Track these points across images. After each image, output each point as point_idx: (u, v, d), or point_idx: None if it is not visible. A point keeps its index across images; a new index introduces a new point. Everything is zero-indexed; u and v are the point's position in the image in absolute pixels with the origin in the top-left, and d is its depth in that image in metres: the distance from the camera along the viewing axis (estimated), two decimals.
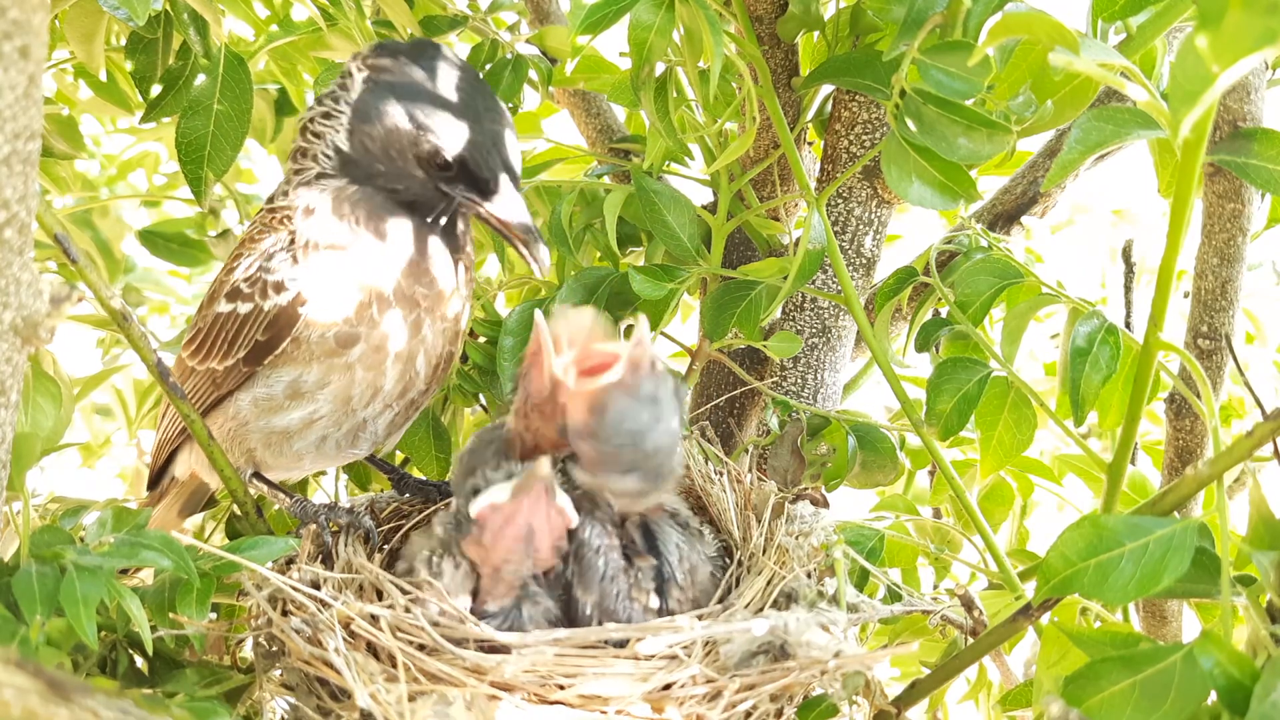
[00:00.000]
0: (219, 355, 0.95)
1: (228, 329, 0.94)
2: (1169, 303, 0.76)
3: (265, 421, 0.95)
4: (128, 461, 1.86)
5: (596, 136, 1.27)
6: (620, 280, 1.08)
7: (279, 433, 0.95)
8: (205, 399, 0.97)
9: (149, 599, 0.83)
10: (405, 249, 0.92)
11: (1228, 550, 0.72)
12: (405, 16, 1.12)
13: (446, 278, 0.94)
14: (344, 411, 0.95)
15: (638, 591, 0.87)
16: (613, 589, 0.87)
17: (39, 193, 0.70)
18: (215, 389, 0.96)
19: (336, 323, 0.91)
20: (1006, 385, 0.99)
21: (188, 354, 0.98)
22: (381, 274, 0.91)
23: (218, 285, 0.97)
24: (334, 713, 0.84)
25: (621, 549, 0.89)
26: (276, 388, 0.94)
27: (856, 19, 1.05)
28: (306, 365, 0.92)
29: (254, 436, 0.96)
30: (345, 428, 0.96)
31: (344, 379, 0.93)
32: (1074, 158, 0.77)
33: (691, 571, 0.90)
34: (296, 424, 0.95)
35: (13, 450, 0.77)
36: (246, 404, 0.95)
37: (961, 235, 1.06)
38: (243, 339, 0.93)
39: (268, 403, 0.94)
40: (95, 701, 0.63)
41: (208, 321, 0.96)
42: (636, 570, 0.88)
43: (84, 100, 1.36)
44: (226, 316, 0.94)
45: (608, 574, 0.87)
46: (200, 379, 0.97)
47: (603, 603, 0.86)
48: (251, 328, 0.92)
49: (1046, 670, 0.80)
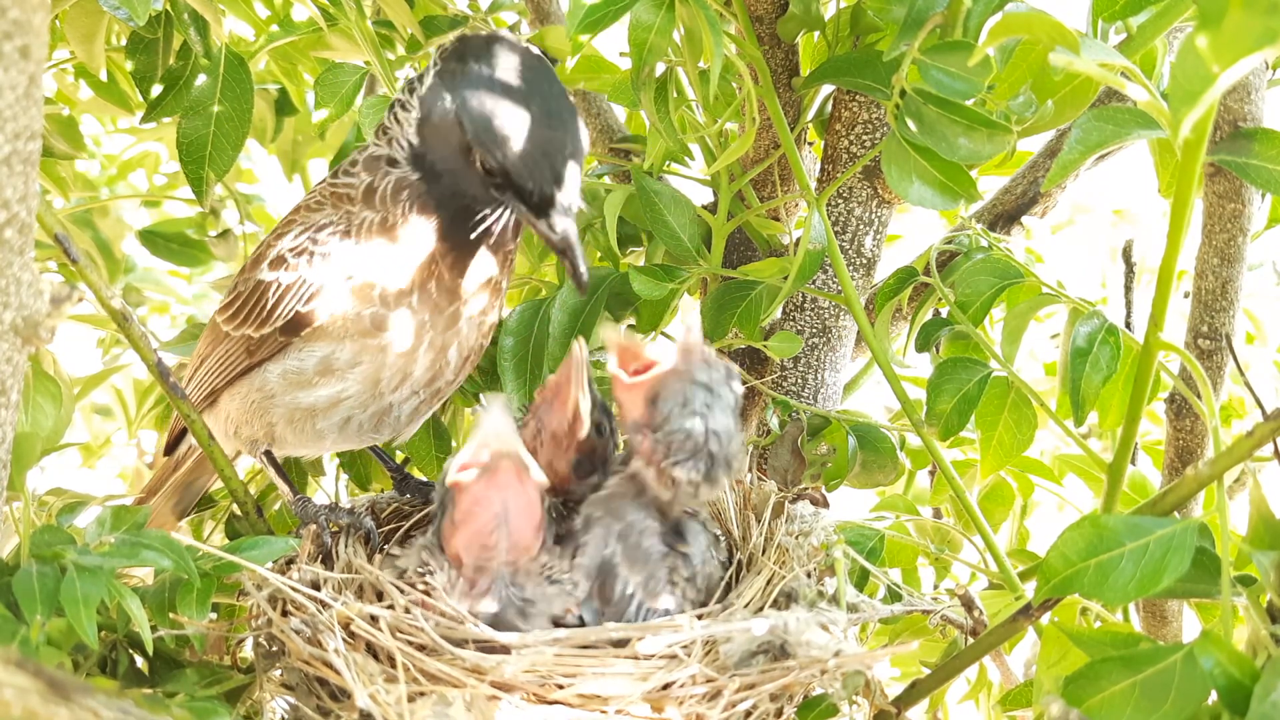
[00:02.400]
0: (255, 322, 0.95)
1: (269, 296, 0.94)
2: (1169, 303, 0.77)
3: (292, 396, 0.95)
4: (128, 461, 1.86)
5: (597, 136, 1.27)
6: (620, 280, 1.08)
7: (304, 409, 0.95)
8: (236, 366, 0.97)
9: (149, 599, 0.83)
10: (453, 243, 0.92)
11: (1228, 550, 0.72)
12: (405, 16, 1.12)
13: (488, 273, 0.95)
14: (372, 394, 0.95)
15: (676, 576, 0.88)
16: (658, 571, 0.88)
17: (39, 193, 0.70)
18: (248, 356, 0.96)
19: (374, 304, 0.92)
20: (1006, 385, 0.99)
21: (223, 318, 0.98)
22: (426, 264, 0.92)
23: (263, 249, 0.97)
24: (334, 713, 0.84)
25: (661, 536, 0.90)
26: (308, 362, 0.94)
27: (856, 19, 1.05)
28: (340, 342, 0.93)
29: (278, 410, 0.96)
30: (371, 410, 0.96)
31: (375, 361, 0.93)
32: (1074, 158, 0.77)
33: (708, 578, 0.91)
34: (323, 401, 0.95)
35: (13, 450, 0.77)
36: (275, 376, 0.95)
37: (962, 235, 1.06)
38: (283, 308, 0.93)
39: (297, 376, 0.94)
40: (95, 701, 0.63)
41: (249, 286, 0.96)
42: (676, 556, 0.89)
43: (84, 100, 1.36)
44: (269, 284, 0.94)
45: (652, 555, 0.88)
46: (234, 345, 0.97)
47: (647, 583, 0.87)
48: (293, 297, 0.93)
49: (1046, 670, 0.80)
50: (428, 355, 0.95)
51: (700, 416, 0.85)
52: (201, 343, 1.04)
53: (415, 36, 1.15)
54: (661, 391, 0.85)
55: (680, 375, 0.85)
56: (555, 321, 1.07)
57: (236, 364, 0.97)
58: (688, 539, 0.90)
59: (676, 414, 0.85)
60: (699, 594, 0.89)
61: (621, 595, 0.87)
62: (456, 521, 0.85)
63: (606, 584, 0.87)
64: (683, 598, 0.88)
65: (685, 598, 0.89)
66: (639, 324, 1.12)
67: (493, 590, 0.85)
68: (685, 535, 0.90)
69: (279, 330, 0.94)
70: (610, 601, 0.87)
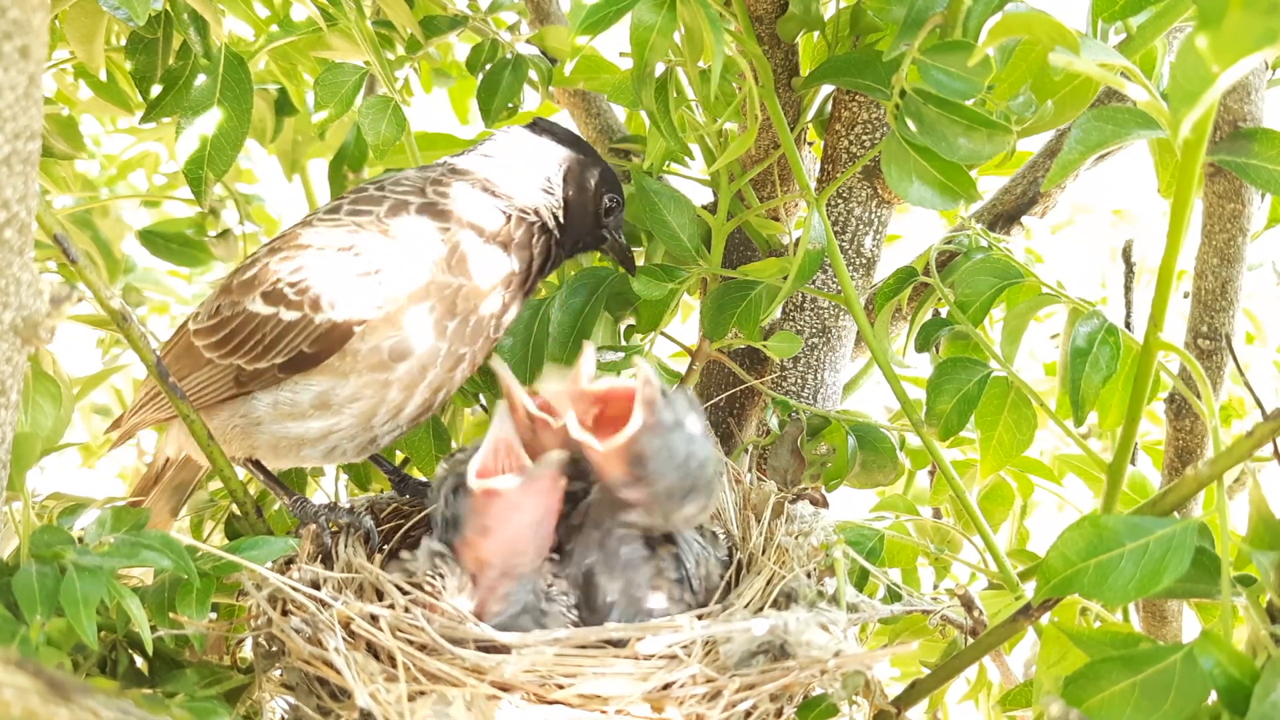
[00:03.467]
0: (249, 355, 0.91)
1: (265, 332, 0.90)
2: (1169, 303, 0.76)
3: (280, 426, 0.93)
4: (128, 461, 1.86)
5: (597, 136, 1.27)
6: (620, 280, 1.08)
7: (292, 438, 0.94)
8: (220, 393, 0.94)
9: (149, 599, 0.83)
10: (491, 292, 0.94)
11: (1228, 550, 0.72)
12: (405, 16, 1.12)
13: (509, 319, 0.96)
14: (363, 427, 0.94)
15: (660, 580, 0.88)
16: (637, 576, 0.88)
17: (39, 193, 0.70)
18: (236, 386, 0.93)
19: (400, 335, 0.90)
20: (1006, 385, 0.99)
21: (205, 343, 0.94)
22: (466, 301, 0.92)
23: (257, 273, 0.93)
24: (334, 712, 0.84)
25: (644, 538, 0.90)
26: (303, 395, 0.92)
27: (856, 19, 1.05)
28: (344, 378, 0.91)
29: (263, 437, 0.94)
30: (358, 441, 0.96)
31: (375, 397, 0.92)
32: (1074, 158, 0.77)
33: (706, 577, 0.91)
34: (314, 433, 0.93)
35: (13, 450, 0.77)
36: (265, 405, 0.93)
37: (961, 235, 1.06)
38: (284, 346, 0.90)
39: (290, 408, 0.92)
40: (95, 701, 0.63)
41: (239, 317, 0.92)
42: (659, 559, 0.89)
43: (84, 100, 1.36)
44: (266, 319, 0.90)
45: (632, 560, 0.88)
46: (220, 372, 0.93)
47: (628, 589, 0.87)
48: (297, 336, 0.90)
49: (1046, 670, 0.80)
50: (425, 393, 0.94)
51: (688, 458, 0.85)
52: (170, 359, 0.98)
53: (415, 36, 1.15)
54: (642, 451, 0.85)
55: (652, 429, 0.85)
56: (555, 321, 1.07)
57: (221, 391, 0.94)
58: (676, 539, 0.90)
59: (667, 467, 0.85)
60: (696, 593, 0.89)
61: (602, 603, 0.87)
62: (487, 527, 0.85)
63: (590, 593, 0.88)
64: (672, 598, 0.88)
65: (677, 598, 0.89)
66: (639, 324, 1.12)
67: (515, 597, 0.86)
68: (674, 536, 0.90)
69: (278, 368, 0.91)
70: (595, 609, 0.88)
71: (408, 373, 0.91)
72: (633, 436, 0.84)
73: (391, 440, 0.99)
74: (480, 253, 0.93)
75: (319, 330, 0.89)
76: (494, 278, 0.93)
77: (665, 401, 0.86)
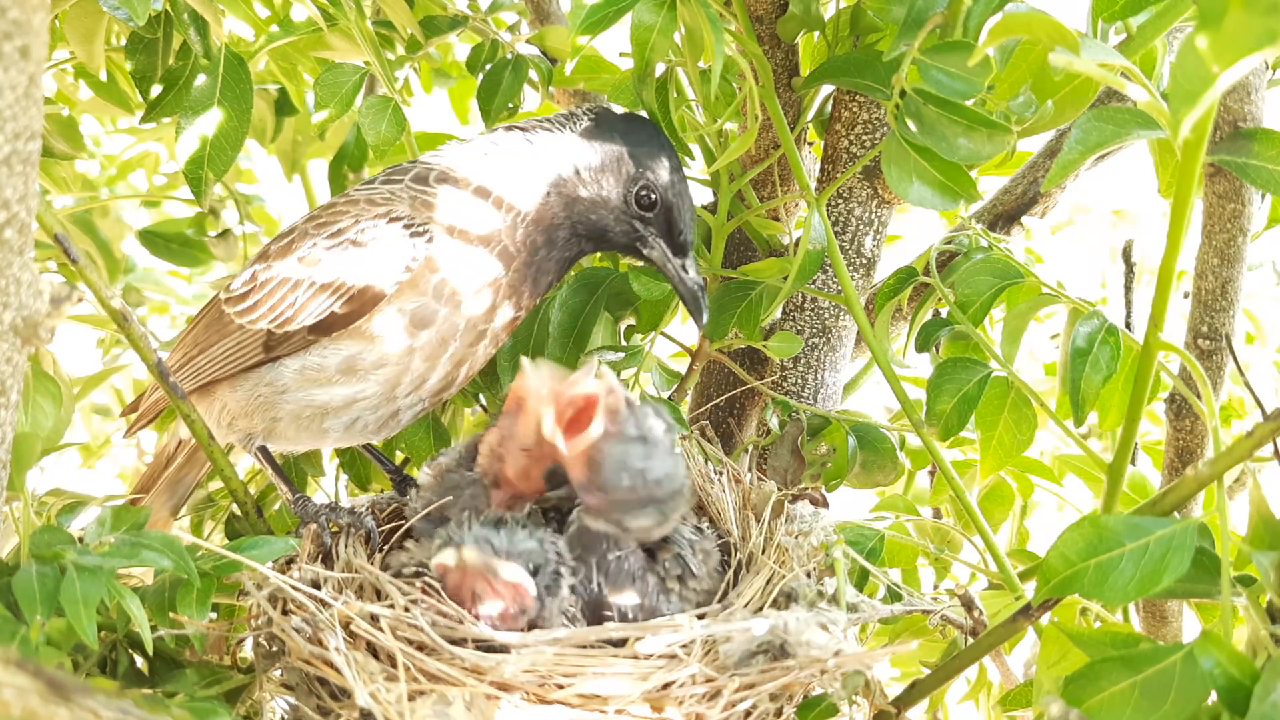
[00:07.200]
0: (281, 318, 0.93)
1: (298, 294, 0.92)
2: (1169, 303, 0.76)
3: (305, 393, 0.94)
4: (128, 461, 1.86)
5: None
6: (620, 280, 1.08)
7: (316, 407, 0.94)
8: (247, 360, 0.95)
9: (149, 599, 0.83)
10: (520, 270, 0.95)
11: (1228, 550, 0.72)
12: (405, 16, 1.12)
13: (526, 304, 0.96)
14: (387, 397, 0.94)
15: (671, 581, 0.90)
16: (646, 586, 0.89)
17: (39, 193, 0.70)
18: (265, 352, 0.94)
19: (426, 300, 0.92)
20: (1006, 385, 0.99)
21: (237, 309, 0.96)
22: (494, 281, 0.93)
23: (293, 239, 0.95)
24: (334, 712, 0.84)
25: (641, 548, 0.91)
26: (330, 359, 0.93)
27: (856, 19, 1.05)
28: (370, 342, 0.92)
29: (286, 406, 0.95)
30: (380, 413, 0.96)
31: (400, 364, 0.93)
32: (1074, 158, 0.77)
33: (705, 559, 0.92)
34: (338, 400, 0.94)
35: (13, 450, 0.77)
36: (291, 372, 0.94)
37: (961, 235, 1.06)
38: (317, 306, 0.92)
39: (316, 374, 0.93)
40: (95, 701, 0.63)
41: (274, 280, 0.94)
42: (662, 563, 0.90)
43: (84, 100, 1.37)
44: (300, 281, 0.92)
45: (635, 574, 0.89)
46: (248, 338, 0.95)
47: (639, 602, 0.88)
48: (331, 296, 0.91)
49: (1046, 670, 0.80)
50: (446, 365, 0.95)
51: (640, 471, 0.86)
52: (199, 330, 1.01)
53: (415, 36, 1.15)
54: (597, 457, 0.86)
55: (611, 437, 0.86)
56: (555, 321, 1.07)
57: (248, 357, 0.95)
58: (669, 538, 0.91)
59: (618, 476, 0.86)
60: (702, 582, 0.91)
61: (622, 619, 0.88)
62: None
63: (604, 618, 0.88)
64: (684, 598, 0.89)
65: (685, 597, 0.89)
66: (639, 324, 1.12)
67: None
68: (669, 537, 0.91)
69: (308, 329, 0.92)
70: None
71: (428, 343, 0.92)
72: (592, 443, 0.85)
73: (412, 418, 0.99)
74: (504, 233, 0.94)
75: (352, 290, 0.91)
76: (512, 259, 0.94)
77: (629, 413, 0.87)
